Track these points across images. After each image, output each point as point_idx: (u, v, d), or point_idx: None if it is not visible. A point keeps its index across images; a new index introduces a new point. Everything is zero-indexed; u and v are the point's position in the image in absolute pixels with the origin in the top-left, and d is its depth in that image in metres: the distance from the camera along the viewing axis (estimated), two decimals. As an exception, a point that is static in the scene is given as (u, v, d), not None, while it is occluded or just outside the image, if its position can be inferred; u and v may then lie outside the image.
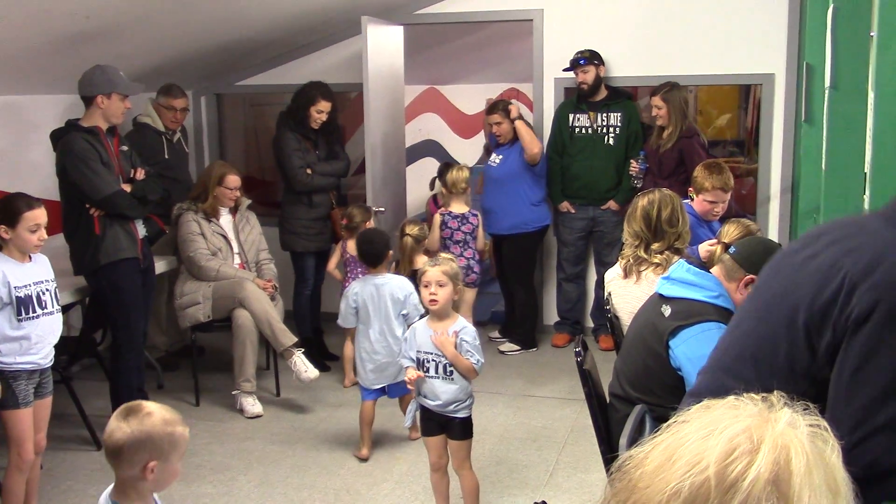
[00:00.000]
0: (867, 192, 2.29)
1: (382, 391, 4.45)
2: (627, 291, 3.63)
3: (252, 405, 4.95)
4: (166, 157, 5.55)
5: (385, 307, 4.37)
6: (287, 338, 4.91)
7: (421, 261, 4.90)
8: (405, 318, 4.37)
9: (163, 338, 5.77)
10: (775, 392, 1.04)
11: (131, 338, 4.56)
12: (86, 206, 4.37)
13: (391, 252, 4.59)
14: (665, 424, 1.01)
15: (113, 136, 4.61)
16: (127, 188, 4.46)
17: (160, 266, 5.18)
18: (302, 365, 4.84)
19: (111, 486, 2.23)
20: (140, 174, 4.61)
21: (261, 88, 6.78)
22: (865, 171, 2.50)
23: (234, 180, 5.25)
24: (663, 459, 0.96)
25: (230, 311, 5.01)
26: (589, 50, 5.77)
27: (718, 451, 0.92)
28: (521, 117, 5.88)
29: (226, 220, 5.32)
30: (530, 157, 5.79)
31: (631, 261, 3.67)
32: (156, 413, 2.18)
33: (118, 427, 2.15)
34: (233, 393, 5.02)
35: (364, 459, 4.39)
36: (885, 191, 2.22)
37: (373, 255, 4.47)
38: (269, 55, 6.52)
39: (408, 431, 4.54)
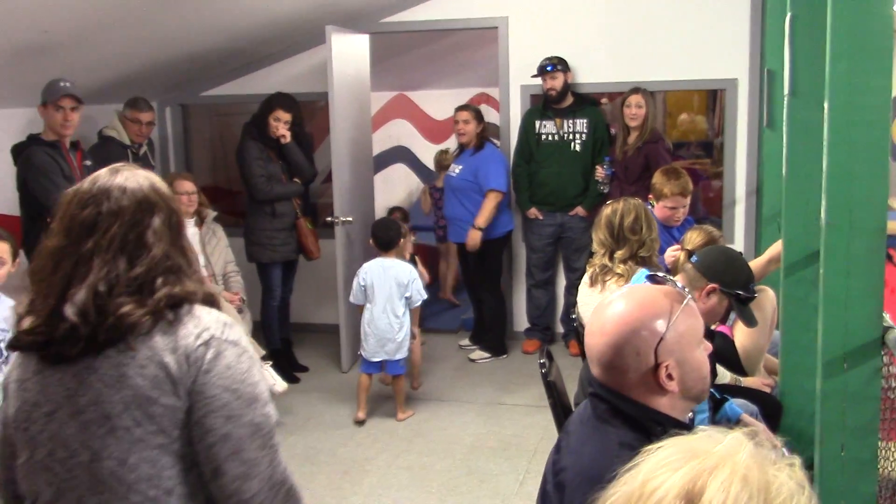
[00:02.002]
0: (823, 199, 2.30)
1: (380, 367, 5.06)
2: (593, 300, 3.63)
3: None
4: (131, 170, 5.49)
5: (389, 288, 5.01)
6: (255, 351, 4.86)
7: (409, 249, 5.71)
8: (408, 300, 5.05)
9: (130, 352, 5.69)
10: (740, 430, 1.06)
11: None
12: (47, 219, 4.31)
13: (402, 240, 5.24)
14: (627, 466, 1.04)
15: (76, 150, 4.56)
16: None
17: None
18: (270, 378, 4.79)
19: None
20: None
21: (226, 99, 6.74)
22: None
23: (182, 185, 5.19)
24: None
25: (197, 325, 4.94)
26: (556, 56, 5.79)
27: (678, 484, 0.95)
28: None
29: (191, 232, 5.27)
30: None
31: (597, 269, 3.68)
32: None
33: None
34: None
35: (360, 422, 4.95)
36: (840, 200, 2.24)
37: (386, 241, 5.14)
38: (235, 65, 6.47)
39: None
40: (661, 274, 1.89)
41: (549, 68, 5.77)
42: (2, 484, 1.74)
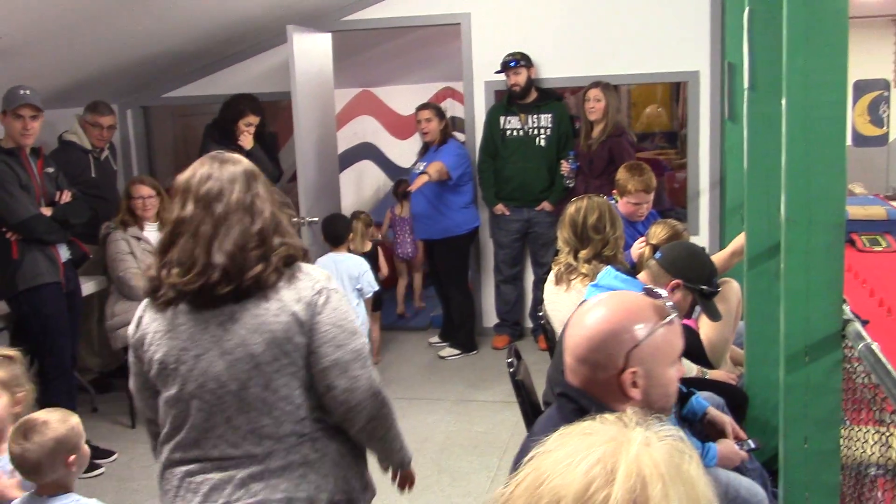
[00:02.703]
0: (783, 195, 2.32)
1: None
2: (559, 298, 3.64)
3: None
4: (93, 175, 5.41)
5: (342, 281, 5.05)
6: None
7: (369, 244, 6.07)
8: (360, 292, 5.18)
9: (95, 359, 5.63)
10: (628, 410, 1.05)
11: (59, 363, 4.45)
12: (2, 229, 4.25)
13: (351, 235, 5.39)
14: (527, 458, 1.02)
15: (38, 157, 4.49)
16: (48, 211, 4.34)
17: (89, 287, 5.08)
18: None
19: (24, 498, 2.34)
20: (66, 197, 4.50)
21: (188, 100, 6.67)
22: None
23: (139, 189, 5.13)
24: (526, 499, 0.96)
25: (163, 330, 4.91)
26: (519, 52, 5.80)
27: (575, 488, 0.93)
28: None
29: (155, 237, 5.20)
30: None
31: (562, 268, 3.68)
32: (49, 418, 2.33)
33: (26, 448, 2.27)
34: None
35: None
36: (799, 195, 2.26)
37: (335, 236, 5.31)
38: (196, 66, 6.41)
39: None
40: (655, 289, 1.91)
41: (511, 64, 5.78)
42: (146, 420, 2.21)
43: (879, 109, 8.89)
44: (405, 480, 2.42)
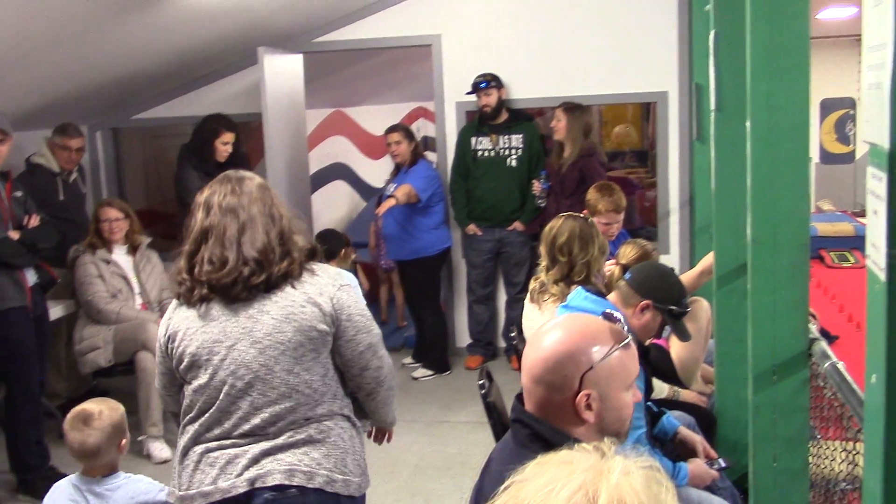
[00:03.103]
0: (749, 216, 2.35)
1: None
2: (533, 317, 3.65)
3: (160, 450, 4.80)
4: (61, 198, 5.36)
5: None
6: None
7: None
8: None
9: (63, 384, 5.56)
10: (606, 439, 1.06)
11: (26, 389, 4.39)
12: None
13: (344, 250, 5.17)
14: (503, 486, 1.02)
15: (6, 180, 4.45)
16: (15, 235, 4.29)
17: (57, 311, 5.02)
18: None
19: (74, 477, 2.69)
20: (34, 221, 4.46)
21: (159, 121, 6.64)
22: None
23: (106, 212, 5.10)
24: None
25: (133, 354, 4.86)
26: (489, 73, 5.83)
27: None
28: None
29: (125, 259, 5.18)
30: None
31: (537, 287, 3.70)
32: (102, 407, 2.69)
33: (87, 434, 2.61)
34: (139, 438, 4.86)
35: None
36: (764, 217, 2.29)
37: (328, 252, 5.10)
38: (166, 87, 6.38)
39: None
40: (615, 314, 1.92)
41: (482, 85, 5.81)
42: (172, 414, 2.50)
43: (846, 127, 9.02)
44: (382, 435, 2.77)
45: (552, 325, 1.83)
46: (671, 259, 5.87)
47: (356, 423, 2.46)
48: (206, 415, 2.32)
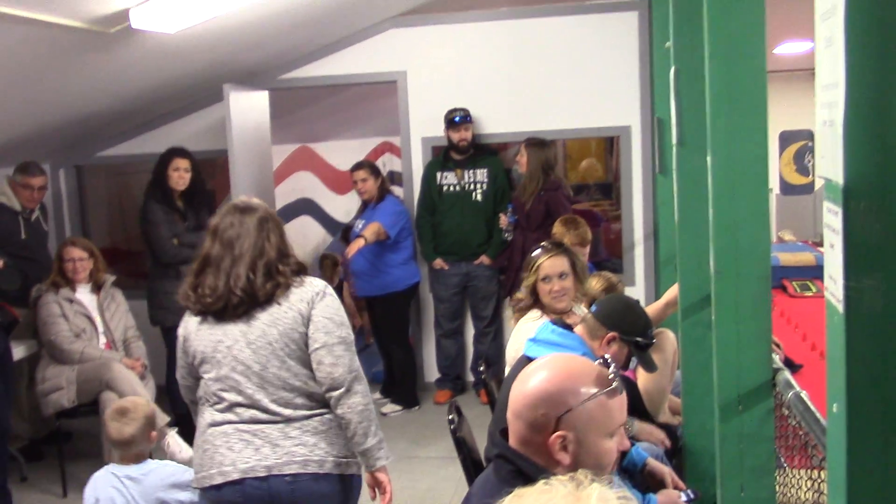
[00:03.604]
0: (711, 249, 2.38)
1: None
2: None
3: (124, 491, 4.73)
4: (23, 237, 5.30)
5: None
6: (159, 418, 4.73)
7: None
8: None
9: (25, 426, 5.45)
10: (580, 470, 1.07)
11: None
12: None
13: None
14: None
15: None
16: (-23, 278, 4.24)
17: (19, 351, 4.94)
18: (176, 445, 4.64)
19: (112, 466, 3.07)
20: None
21: (124, 158, 6.61)
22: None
23: (69, 252, 5.05)
24: None
25: (97, 394, 4.79)
26: (462, 108, 5.88)
27: None
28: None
29: (89, 298, 5.12)
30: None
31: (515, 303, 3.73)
32: (137, 402, 3.20)
33: (123, 424, 3.05)
34: (103, 480, 4.78)
35: None
36: (726, 249, 2.33)
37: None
38: (131, 124, 6.37)
39: None
40: (608, 358, 1.91)
41: (457, 119, 5.85)
42: (189, 401, 2.90)
43: (804, 159, 9.19)
44: (377, 482, 2.83)
45: (541, 362, 1.84)
46: (637, 291, 5.92)
47: None
48: (218, 403, 2.70)
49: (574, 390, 1.74)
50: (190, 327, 2.79)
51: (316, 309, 2.69)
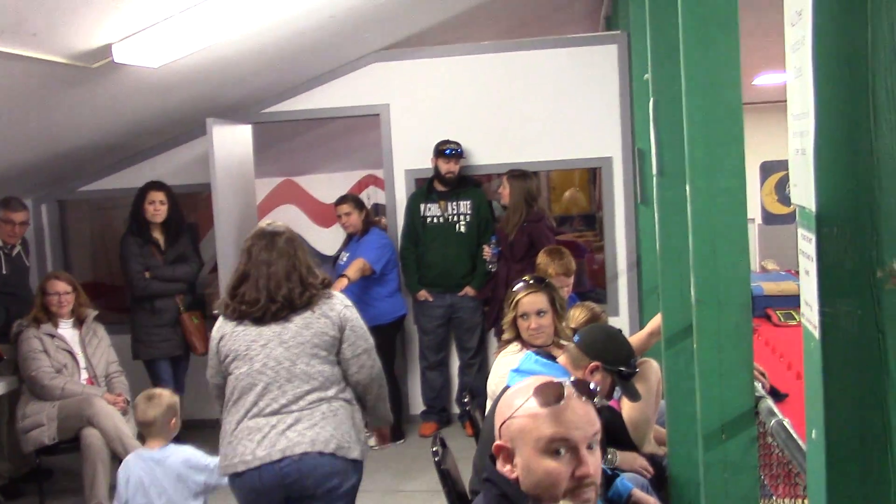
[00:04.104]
0: (692, 278, 2.40)
1: None
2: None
3: (106, 529, 4.67)
4: (4, 272, 5.28)
5: None
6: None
7: None
8: None
9: (5, 464, 5.38)
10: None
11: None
12: None
13: None
14: None
15: None
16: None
17: (-1, 388, 4.89)
18: None
19: (141, 450, 3.55)
20: None
21: (106, 193, 6.59)
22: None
23: (54, 285, 5.03)
24: None
25: (78, 431, 4.75)
26: (453, 141, 5.91)
27: None
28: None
29: (71, 333, 5.08)
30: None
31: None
32: (162, 392, 3.62)
33: (148, 407, 3.49)
34: (84, 517, 4.73)
35: None
36: (706, 278, 2.35)
37: None
38: (114, 159, 6.36)
39: None
40: (589, 382, 1.84)
41: (448, 152, 5.87)
42: (217, 397, 3.27)
43: (786, 189, 9.28)
44: (380, 433, 3.62)
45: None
46: (621, 321, 5.93)
47: (356, 405, 3.23)
48: (248, 397, 3.08)
49: (511, 402, 1.74)
50: (226, 329, 3.17)
51: (351, 320, 3.18)
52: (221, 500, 3.81)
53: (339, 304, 3.20)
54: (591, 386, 1.79)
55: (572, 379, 1.85)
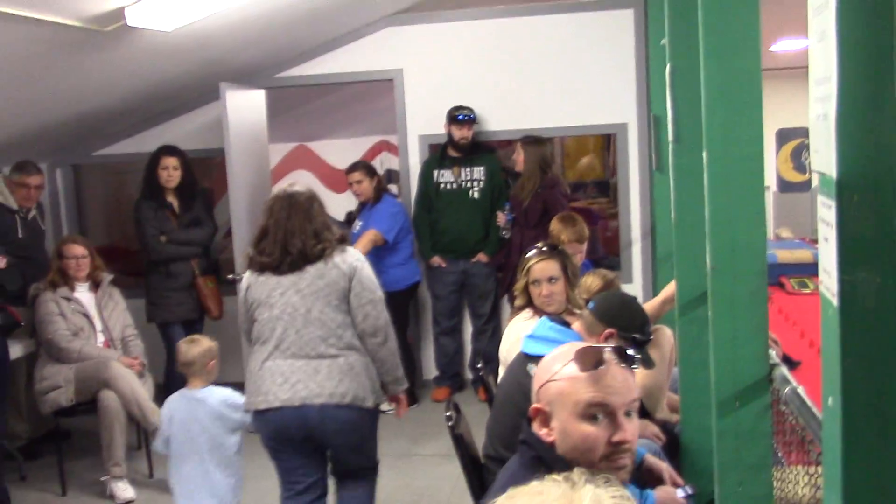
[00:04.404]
0: (707, 245, 2.39)
1: None
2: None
3: (123, 490, 4.73)
4: (20, 236, 5.30)
5: None
6: (157, 416, 4.73)
7: None
8: None
9: (23, 425, 5.45)
10: (576, 469, 1.07)
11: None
12: None
13: None
14: None
15: None
16: (-16, 278, 4.25)
17: (16, 350, 4.95)
18: None
19: (183, 390, 3.80)
20: (1, 263, 4.40)
21: (120, 158, 6.60)
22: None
23: (71, 249, 5.05)
24: None
25: (95, 393, 4.79)
26: (467, 106, 5.88)
27: None
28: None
29: (87, 297, 5.12)
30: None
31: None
32: (202, 338, 3.90)
33: (189, 349, 3.77)
34: (102, 479, 4.79)
35: None
36: (722, 245, 2.33)
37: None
38: (127, 124, 6.36)
39: None
40: (614, 345, 1.83)
41: (460, 118, 5.84)
42: (247, 339, 3.56)
43: (802, 156, 9.21)
44: (397, 402, 3.74)
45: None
46: (634, 288, 5.93)
47: (369, 357, 3.46)
48: (271, 341, 3.38)
49: (550, 366, 1.74)
50: (251, 280, 3.47)
51: (360, 271, 3.42)
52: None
53: (350, 257, 3.45)
54: (630, 352, 1.79)
55: (613, 345, 1.83)
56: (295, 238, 3.37)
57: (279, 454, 3.48)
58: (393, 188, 6.84)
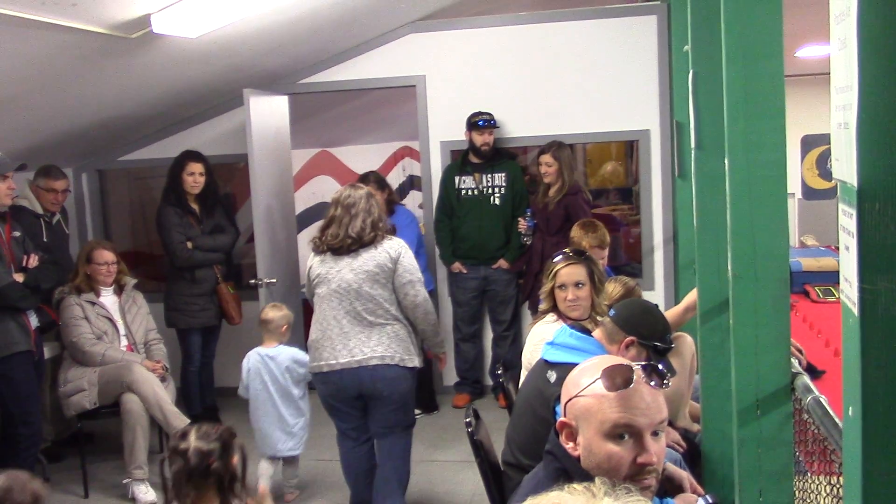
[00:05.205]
0: (729, 252, 2.37)
1: None
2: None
3: (145, 493, 4.76)
4: (45, 240, 5.35)
5: None
6: (179, 420, 4.77)
7: None
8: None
9: (47, 427, 5.49)
10: (597, 479, 1.06)
11: (32, 433, 4.41)
12: None
13: None
14: None
15: (4, 222, 4.46)
16: (19, 277, 4.30)
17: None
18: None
19: (258, 348, 4.64)
20: (33, 261, 4.46)
21: (144, 163, 6.66)
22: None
23: (102, 255, 5.10)
24: None
25: (118, 396, 4.83)
26: (487, 112, 5.88)
27: None
28: None
29: (111, 301, 5.16)
30: None
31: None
32: (283, 306, 4.76)
33: (270, 311, 4.67)
34: (124, 481, 4.82)
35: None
36: (744, 252, 2.32)
37: None
38: (152, 129, 6.42)
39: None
40: (644, 363, 1.83)
41: (481, 123, 5.84)
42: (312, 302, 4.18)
43: (827, 163, 9.12)
44: (439, 359, 4.49)
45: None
46: (656, 295, 5.90)
47: (411, 327, 4.09)
48: (325, 313, 4.03)
49: (578, 379, 1.73)
50: (315, 260, 4.09)
51: (404, 257, 4.02)
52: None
53: (396, 244, 4.06)
54: (661, 369, 1.76)
55: (643, 363, 1.81)
56: (355, 225, 3.97)
57: (335, 410, 4.13)
58: (416, 195, 6.83)
